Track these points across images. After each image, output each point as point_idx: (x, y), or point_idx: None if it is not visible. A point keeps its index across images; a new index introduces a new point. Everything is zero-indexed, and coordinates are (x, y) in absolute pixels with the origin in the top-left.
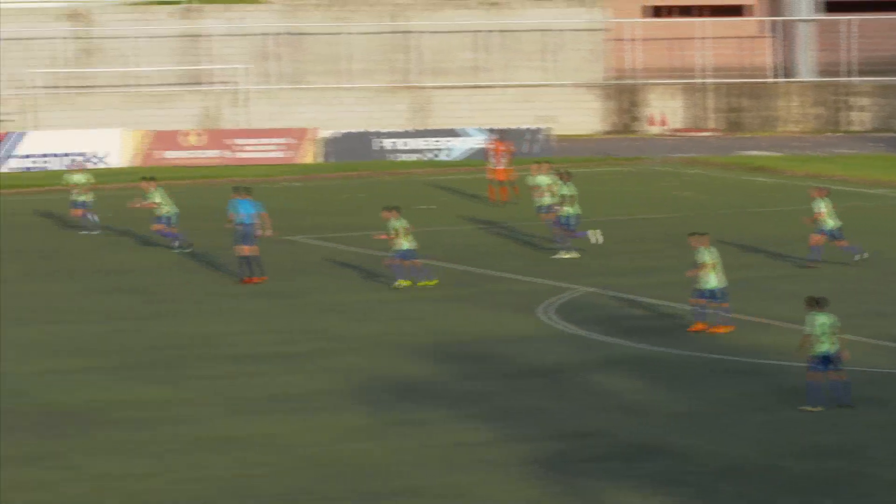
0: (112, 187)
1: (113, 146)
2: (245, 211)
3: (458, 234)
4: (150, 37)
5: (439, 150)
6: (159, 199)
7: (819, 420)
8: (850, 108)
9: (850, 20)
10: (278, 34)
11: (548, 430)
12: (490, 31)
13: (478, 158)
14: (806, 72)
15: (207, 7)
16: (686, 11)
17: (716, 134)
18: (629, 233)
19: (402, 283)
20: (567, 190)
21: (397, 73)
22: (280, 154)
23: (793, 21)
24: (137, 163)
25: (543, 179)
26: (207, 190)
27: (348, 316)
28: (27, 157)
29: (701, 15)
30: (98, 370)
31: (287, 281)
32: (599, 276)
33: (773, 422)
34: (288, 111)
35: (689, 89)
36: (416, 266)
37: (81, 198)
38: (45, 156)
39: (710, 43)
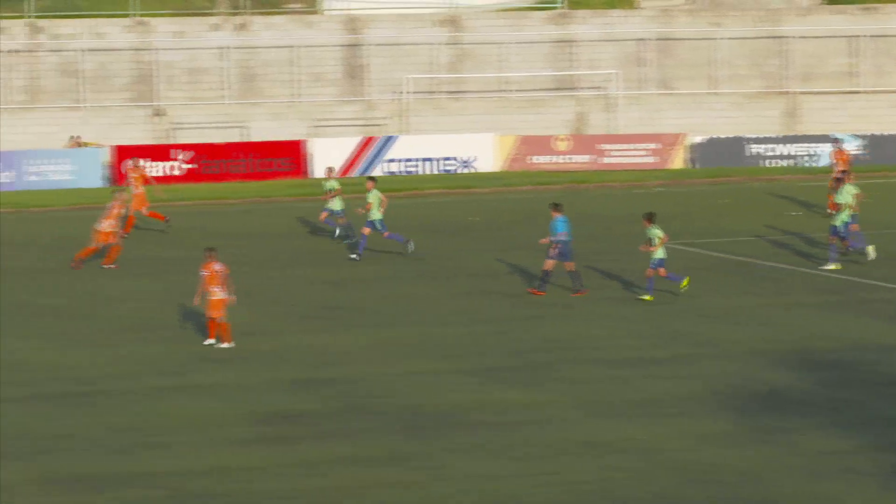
0: (481, 192)
1: (484, 151)
2: (563, 229)
3: (822, 241)
4: (523, 42)
5: (811, 156)
6: (372, 201)
7: None
8: None
9: None
10: (648, 39)
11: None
12: (865, 35)
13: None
14: None
15: (579, 13)
16: None
17: None
18: None
19: (648, 297)
20: (840, 198)
21: (768, 78)
22: (649, 159)
23: None
24: (508, 167)
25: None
26: (575, 195)
27: (714, 321)
28: (397, 161)
29: None
30: (462, 372)
31: (656, 286)
32: None
33: None
34: (657, 117)
35: None
36: (661, 274)
37: (328, 204)
38: (415, 160)
39: None
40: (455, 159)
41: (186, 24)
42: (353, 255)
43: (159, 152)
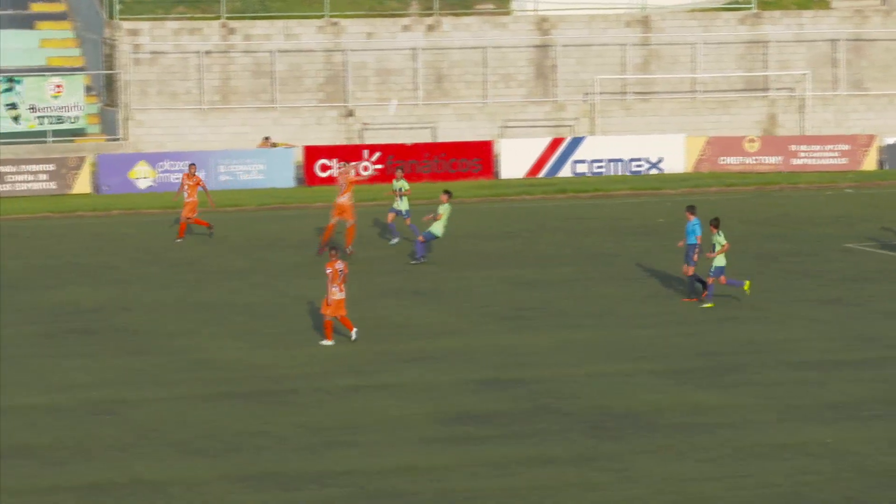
0: (669, 193)
1: (672, 152)
2: (694, 233)
3: None
4: (713, 43)
5: None
6: (442, 213)
7: None
8: None
9: None
10: (841, 40)
11: None
12: None
13: None
14: None
15: (771, 13)
16: None
17: None
18: None
19: (708, 304)
20: None
21: None
22: (840, 161)
23: None
24: (696, 168)
25: None
26: (764, 196)
27: None
28: (585, 161)
29: None
30: (652, 374)
31: (847, 288)
32: None
33: None
34: (847, 118)
35: None
36: (722, 282)
37: (396, 204)
38: (603, 161)
39: None
40: (643, 160)
41: (377, 24)
42: (415, 260)
43: (349, 153)
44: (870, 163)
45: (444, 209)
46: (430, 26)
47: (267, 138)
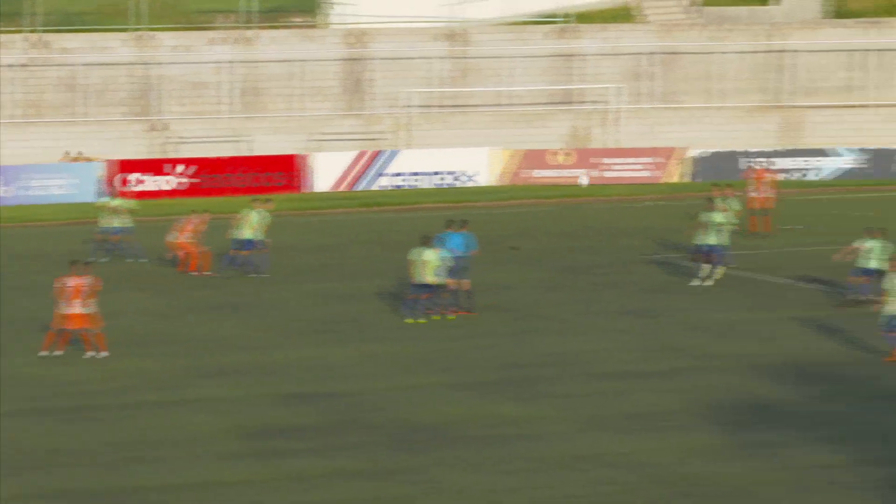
0: (480, 205)
1: (483, 165)
2: (453, 245)
3: (821, 254)
4: (525, 56)
5: (808, 169)
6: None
7: None
8: None
9: None
10: (652, 53)
11: None
12: (867, 49)
13: (848, 178)
14: None
15: (582, 27)
16: None
17: None
18: None
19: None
20: (716, 217)
21: (769, 92)
22: (647, 173)
23: None
24: (508, 181)
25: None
26: (573, 209)
27: (708, 335)
28: (397, 175)
29: None
30: (456, 386)
31: (650, 299)
32: None
33: None
34: (657, 130)
35: None
36: None
37: (115, 223)
38: (416, 174)
39: None
40: (455, 173)
41: (190, 38)
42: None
43: (157, 166)
44: (676, 175)
45: (257, 215)
46: (243, 39)
47: (67, 152)
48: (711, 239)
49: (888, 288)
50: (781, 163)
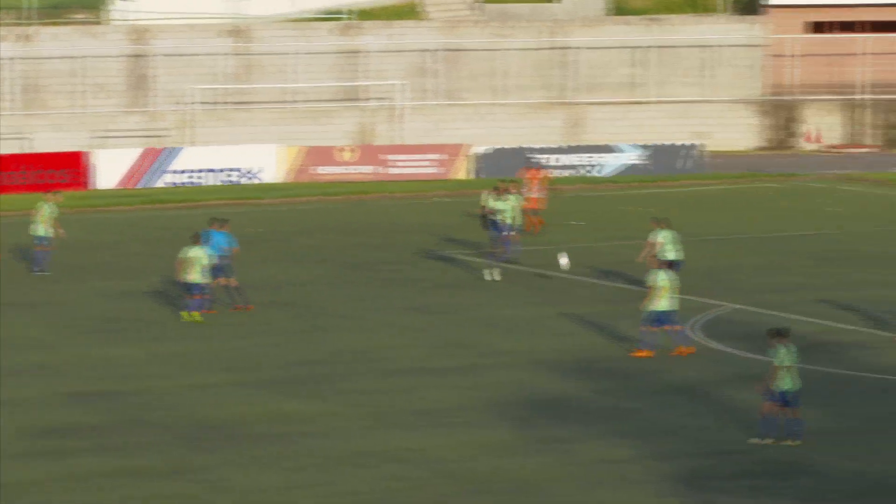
0: (265, 203)
1: (268, 162)
2: (217, 243)
3: (607, 250)
4: (310, 53)
5: (592, 165)
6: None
7: None
8: None
9: None
10: (436, 50)
11: (689, 448)
12: (648, 46)
13: (631, 174)
14: None
15: (367, 24)
16: (848, 27)
17: (873, 150)
18: (779, 249)
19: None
20: (501, 205)
21: (552, 88)
22: (433, 170)
23: None
24: (292, 178)
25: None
26: (358, 205)
27: (500, 332)
28: (181, 172)
29: (863, 31)
30: (245, 385)
31: (439, 296)
32: (749, 293)
33: None
34: (442, 127)
35: (847, 105)
36: None
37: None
38: (199, 171)
39: (870, 59)
40: (240, 170)
41: None
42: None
43: None
44: (462, 172)
45: (48, 209)
46: (23, 36)
47: None
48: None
49: (651, 284)
50: (566, 159)
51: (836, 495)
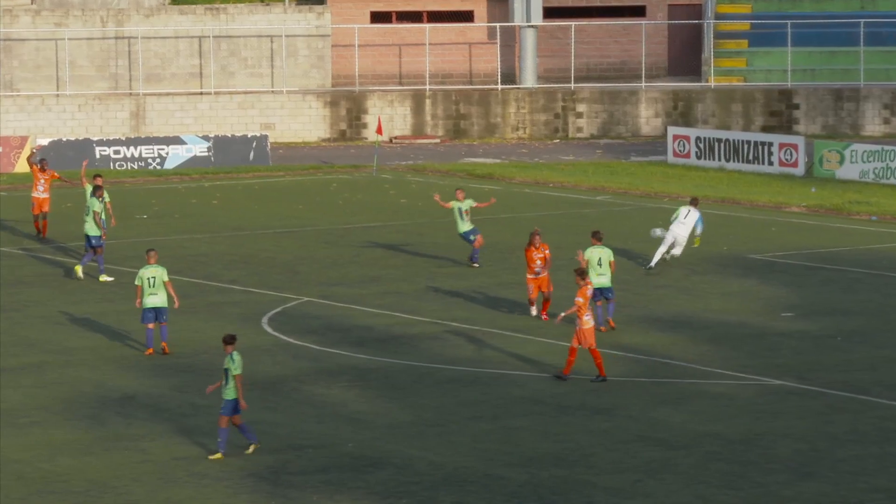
0: None
1: None
2: None
3: (175, 243)
4: None
5: (157, 158)
6: None
7: (539, 429)
8: (574, 114)
9: (572, 26)
10: None
11: (266, 443)
12: (212, 36)
13: (196, 167)
14: (530, 78)
15: None
16: (416, 17)
17: (440, 141)
18: (349, 242)
19: None
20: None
21: (116, 79)
22: None
23: (518, 27)
24: None
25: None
26: None
27: (68, 329)
28: None
29: (429, 21)
30: None
31: (4, 293)
32: (323, 285)
33: (493, 431)
34: (1, 119)
35: (413, 96)
36: None
37: None
38: None
39: (436, 49)
40: None
41: None
42: None
43: None
44: (25, 165)
45: None
46: None
47: None
48: (93, 230)
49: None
50: (130, 152)
51: (416, 487)
